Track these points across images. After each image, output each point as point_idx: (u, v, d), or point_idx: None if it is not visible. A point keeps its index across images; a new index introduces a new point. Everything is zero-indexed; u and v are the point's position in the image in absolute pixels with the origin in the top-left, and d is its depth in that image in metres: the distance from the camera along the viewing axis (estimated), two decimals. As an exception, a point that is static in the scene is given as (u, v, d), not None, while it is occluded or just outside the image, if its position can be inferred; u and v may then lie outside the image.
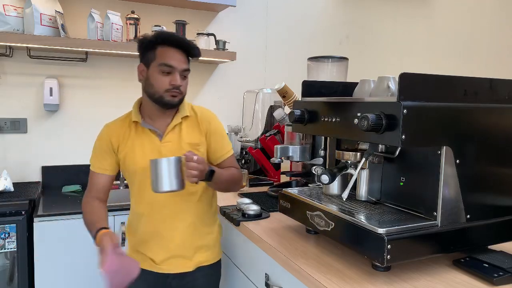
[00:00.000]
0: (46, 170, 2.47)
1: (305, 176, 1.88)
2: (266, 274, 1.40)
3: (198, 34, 2.60)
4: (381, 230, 1.05)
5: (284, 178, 2.09)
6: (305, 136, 1.69)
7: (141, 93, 1.50)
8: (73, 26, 2.45)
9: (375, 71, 1.71)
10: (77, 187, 2.44)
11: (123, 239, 2.09)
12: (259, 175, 2.33)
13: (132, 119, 1.49)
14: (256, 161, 2.33)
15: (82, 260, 2.04)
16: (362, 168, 1.27)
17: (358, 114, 1.12)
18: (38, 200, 2.18)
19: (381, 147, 1.28)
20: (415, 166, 1.20)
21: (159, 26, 2.45)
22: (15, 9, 2.17)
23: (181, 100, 1.44)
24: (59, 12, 2.27)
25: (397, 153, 1.21)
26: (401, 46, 3.46)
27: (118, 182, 2.51)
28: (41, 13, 2.15)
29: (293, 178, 2.00)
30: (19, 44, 2.18)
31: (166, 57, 1.38)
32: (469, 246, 1.18)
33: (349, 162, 1.30)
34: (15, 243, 1.97)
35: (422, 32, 3.54)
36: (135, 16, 2.40)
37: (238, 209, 1.67)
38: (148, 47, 1.40)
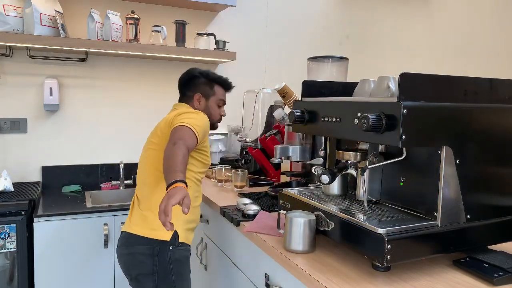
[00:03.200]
0: (46, 170, 2.47)
1: (305, 176, 1.88)
2: (266, 274, 1.40)
3: (198, 34, 2.60)
4: (381, 230, 1.05)
5: (284, 178, 2.09)
6: (305, 136, 1.69)
7: (141, 92, 1.49)
8: (73, 26, 2.45)
9: (375, 71, 1.71)
10: (77, 187, 2.44)
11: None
12: (259, 175, 2.33)
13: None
14: (256, 161, 2.33)
15: (82, 260, 2.04)
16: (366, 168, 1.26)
17: (358, 114, 1.12)
18: (38, 200, 2.18)
19: (381, 147, 1.28)
20: (415, 166, 1.20)
21: (159, 26, 2.45)
22: (15, 9, 2.17)
23: None
24: (59, 12, 2.27)
25: (404, 154, 1.18)
26: (401, 46, 3.46)
27: (118, 182, 2.51)
28: (41, 13, 2.15)
29: (293, 178, 2.00)
30: (19, 44, 2.18)
31: (221, 95, 1.84)
32: (469, 246, 1.18)
33: (349, 162, 1.30)
34: (15, 243, 1.97)
35: (422, 32, 3.54)
36: (135, 16, 2.40)
37: (238, 209, 1.67)
38: (205, 83, 1.81)
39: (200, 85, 1.80)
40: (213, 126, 1.83)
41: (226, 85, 1.87)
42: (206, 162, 1.72)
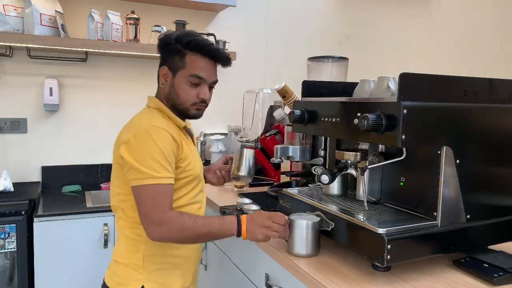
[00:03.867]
0: (46, 170, 2.47)
1: (305, 176, 1.88)
2: (266, 274, 1.40)
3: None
4: (381, 230, 1.05)
5: (284, 178, 2.09)
6: (305, 136, 1.69)
7: (142, 92, 1.50)
8: (73, 26, 2.45)
9: (375, 71, 1.71)
10: (77, 187, 2.44)
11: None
12: (259, 175, 2.33)
13: (177, 123, 1.34)
14: (256, 161, 2.33)
15: (82, 260, 2.04)
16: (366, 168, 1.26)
17: (358, 114, 1.12)
18: (38, 200, 2.18)
19: (381, 147, 1.28)
20: (415, 166, 1.20)
21: (159, 26, 2.45)
22: (15, 9, 2.17)
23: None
24: (59, 12, 2.27)
25: (404, 154, 1.18)
26: (401, 46, 3.46)
27: (118, 182, 2.51)
28: (41, 13, 2.15)
29: (293, 178, 2.00)
30: (19, 44, 2.18)
31: (197, 68, 1.28)
32: (469, 246, 1.18)
33: (349, 162, 1.30)
34: (15, 243, 1.97)
35: (422, 32, 3.54)
36: (135, 16, 2.40)
37: (238, 209, 1.67)
38: (176, 51, 1.29)
39: (170, 54, 1.31)
40: (187, 113, 1.33)
41: (205, 50, 1.28)
42: (190, 177, 1.33)
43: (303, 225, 1.21)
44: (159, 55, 1.39)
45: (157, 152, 1.19)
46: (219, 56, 1.32)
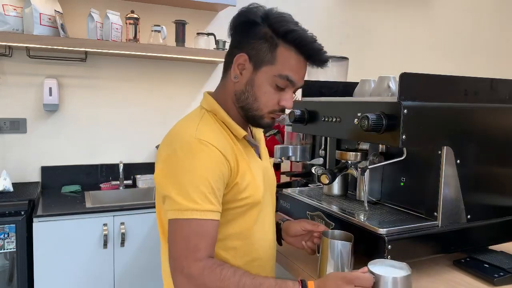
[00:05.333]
0: (45, 170, 2.47)
1: (305, 176, 1.88)
2: (266, 274, 1.40)
3: (198, 34, 2.59)
4: (381, 231, 1.04)
5: (284, 178, 2.08)
6: (305, 136, 1.69)
7: (141, 92, 1.40)
8: (73, 26, 2.45)
9: (376, 71, 1.71)
10: (76, 187, 2.44)
11: (123, 240, 2.09)
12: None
13: (236, 132, 1.03)
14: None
15: (82, 260, 2.03)
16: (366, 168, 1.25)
17: (358, 114, 1.11)
18: (38, 200, 2.18)
19: (381, 147, 1.28)
20: (416, 166, 1.20)
21: (159, 25, 2.45)
22: (14, 9, 2.17)
23: None
24: (58, 12, 2.26)
25: (404, 154, 1.18)
26: (401, 46, 3.45)
27: (118, 182, 2.51)
28: (40, 13, 2.15)
29: (293, 178, 1.99)
30: (18, 44, 2.18)
31: (289, 67, 0.98)
32: (469, 246, 1.18)
33: (349, 162, 1.29)
34: (14, 243, 1.97)
35: (422, 32, 3.54)
36: (135, 15, 2.39)
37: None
38: (264, 37, 0.97)
39: (255, 38, 0.98)
40: (258, 122, 1.03)
41: (305, 48, 0.98)
42: (245, 207, 1.01)
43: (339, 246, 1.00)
44: (231, 33, 1.04)
45: (198, 176, 0.91)
46: (318, 58, 1.01)
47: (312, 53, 1.00)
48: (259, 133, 1.19)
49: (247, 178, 1.00)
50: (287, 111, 1.41)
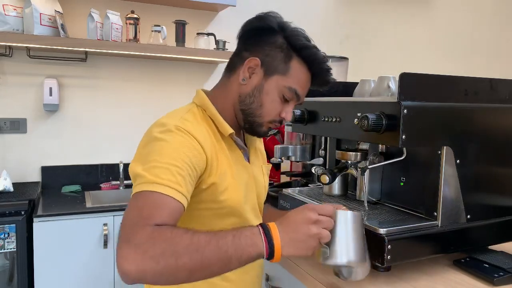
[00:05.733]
0: (45, 170, 2.47)
1: (305, 176, 1.88)
2: (266, 274, 1.40)
3: (198, 34, 2.59)
4: (381, 231, 1.04)
5: (284, 178, 2.08)
6: (305, 136, 1.69)
7: (141, 92, 1.42)
8: (73, 26, 2.45)
9: (375, 71, 1.71)
10: (76, 187, 2.44)
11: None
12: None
13: (222, 129, 1.01)
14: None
15: (82, 260, 2.04)
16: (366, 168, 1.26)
17: (358, 114, 1.11)
18: (38, 200, 2.18)
19: (381, 147, 1.28)
20: (416, 166, 1.20)
21: (159, 26, 2.45)
22: (14, 9, 2.17)
23: None
24: (58, 12, 2.26)
25: (404, 154, 1.18)
26: (401, 46, 3.46)
27: (118, 182, 2.51)
28: (40, 13, 2.15)
29: (293, 178, 1.99)
30: (18, 44, 2.18)
31: (298, 81, 0.99)
32: (469, 246, 1.18)
33: (349, 162, 1.29)
34: (14, 243, 1.97)
35: (422, 32, 3.54)
36: (135, 16, 2.40)
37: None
38: (281, 47, 0.99)
39: (271, 46, 0.99)
40: (255, 129, 1.03)
41: (315, 68, 1.01)
42: (222, 210, 0.98)
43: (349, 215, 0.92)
44: (241, 33, 1.06)
45: (168, 156, 0.86)
46: (324, 78, 1.03)
47: (320, 73, 1.02)
48: (253, 140, 1.14)
49: (227, 179, 0.97)
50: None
